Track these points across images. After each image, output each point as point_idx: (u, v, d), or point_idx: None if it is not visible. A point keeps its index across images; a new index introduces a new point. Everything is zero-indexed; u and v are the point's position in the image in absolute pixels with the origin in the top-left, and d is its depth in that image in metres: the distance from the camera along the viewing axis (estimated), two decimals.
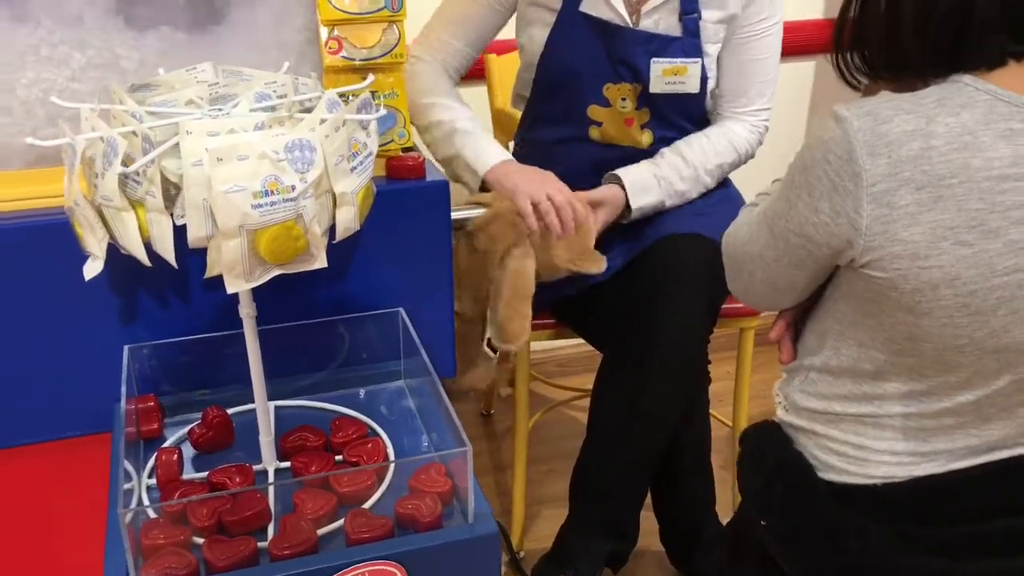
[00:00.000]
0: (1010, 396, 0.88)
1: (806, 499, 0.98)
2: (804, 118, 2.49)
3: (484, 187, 1.61)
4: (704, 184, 1.68)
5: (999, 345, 0.84)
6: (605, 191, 1.63)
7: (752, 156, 1.73)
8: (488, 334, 1.72)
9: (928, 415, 0.90)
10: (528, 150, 1.81)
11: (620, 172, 1.64)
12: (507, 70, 1.96)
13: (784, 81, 1.77)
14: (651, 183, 1.63)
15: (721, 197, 1.74)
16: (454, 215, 1.43)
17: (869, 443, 0.94)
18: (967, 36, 0.81)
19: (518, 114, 1.85)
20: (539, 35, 1.66)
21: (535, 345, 2.57)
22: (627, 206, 1.62)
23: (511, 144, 1.93)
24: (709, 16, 1.61)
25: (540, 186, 1.52)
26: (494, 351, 2.17)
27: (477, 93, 2.09)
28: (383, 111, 1.06)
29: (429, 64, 1.69)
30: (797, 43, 2.14)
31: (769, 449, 1.03)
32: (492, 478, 2.22)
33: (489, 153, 1.60)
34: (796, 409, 1.01)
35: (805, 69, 2.42)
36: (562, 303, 1.78)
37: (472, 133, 1.62)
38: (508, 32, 1.74)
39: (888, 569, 0.94)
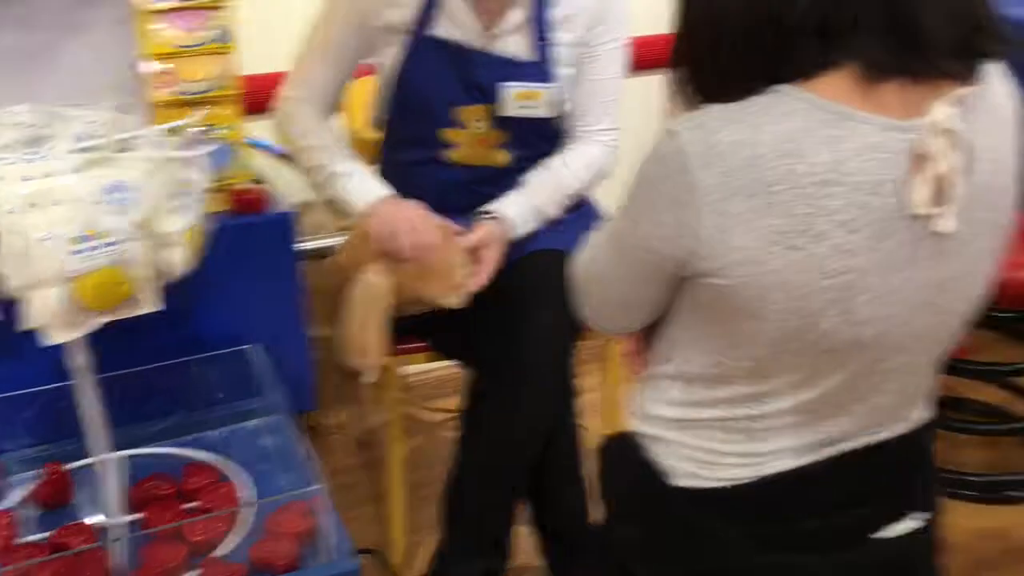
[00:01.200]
0: (845, 393, 0.91)
1: (661, 506, 0.99)
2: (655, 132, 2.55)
3: None
4: (565, 207, 1.70)
5: (831, 345, 0.87)
6: (489, 231, 1.63)
7: (607, 174, 1.76)
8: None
9: (771, 415, 0.93)
10: (389, 171, 1.80)
11: (496, 208, 1.65)
12: (364, 93, 1.94)
13: (636, 96, 1.81)
14: (529, 216, 1.64)
15: (578, 213, 1.76)
16: (304, 245, 1.41)
17: (718, 446, 0.96)
18: (782, 48, 0.84)
19: (377, 136, 1.84)
20: (391, 58, 1.65)
21: (410, 368, 2.56)
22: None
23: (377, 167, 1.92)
24: (562, 39, 1.64)
25: (396, 214, 1.52)
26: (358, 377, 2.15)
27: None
28: (209, 147, 1.03)
29: (302, 103, 1.67)
30: (648, 58, 2.19)
31: (625, 459, 1.04)
32: (373, 508, 2.18)
33: (367, 192, 1.59)
34: (649, 418, 1.02)
35: (654, 83, 2.48)
36: (428, 325, 1.77)
37: (349, 174, 1.60)
38: None
39: (743, 569, 0.96)
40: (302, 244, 1.38)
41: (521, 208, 1.65)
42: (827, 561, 0.95)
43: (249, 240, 1.28)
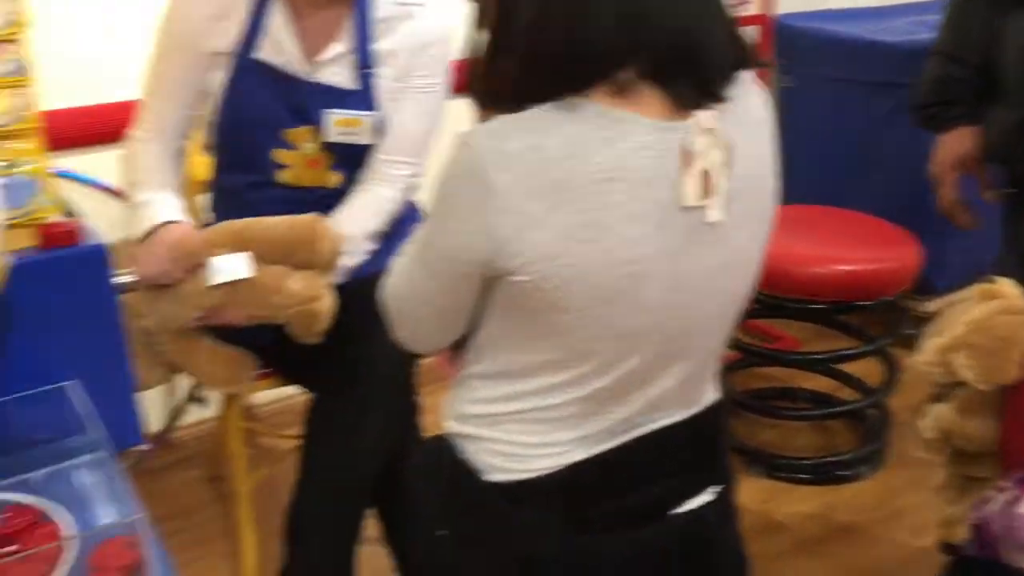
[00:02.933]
0: (642, 376, 0.98)
1: (476, 502, 1.04)
2: None
3: None
4: (368, 248, 1.71)
5: (624, 331, 0.94)
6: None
7: (399, 205, 1.78)
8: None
9: (573, 403, 0.98)
10: (221, 197, 1.79)
11: None
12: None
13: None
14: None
15: (407, 230, 1.79)
16: (125, 278, 1.39)
17: (527, 439, 1.01)
18: (576, 67, 0.90)
19: (204, 163, 1.82)
20: (217, 80, 1.65)
21: (261, 396, 2.53)
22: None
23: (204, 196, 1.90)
24: (384, 73, 1.67)
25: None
26: (200, 402, 2.11)
27: None
28: (5, 180, 1.01)
29: (145, 143, 1.66)
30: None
31: (439, 461, 1.07)
32: (225, 544, 2.15)
33: (148, 219, 1.58)
34: (463, 418, 1.07)
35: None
36: (271, 349, 1.77)
37: (143, 204, 1.59)
38: None
39: (555, 554, 1.01)
40: (121, 277, 1.35)
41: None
42: (630, 539, 1.02)
43: (61, 274, 1.25)
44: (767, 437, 2.43)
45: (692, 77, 0.90)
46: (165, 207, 1.62)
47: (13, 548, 1.10)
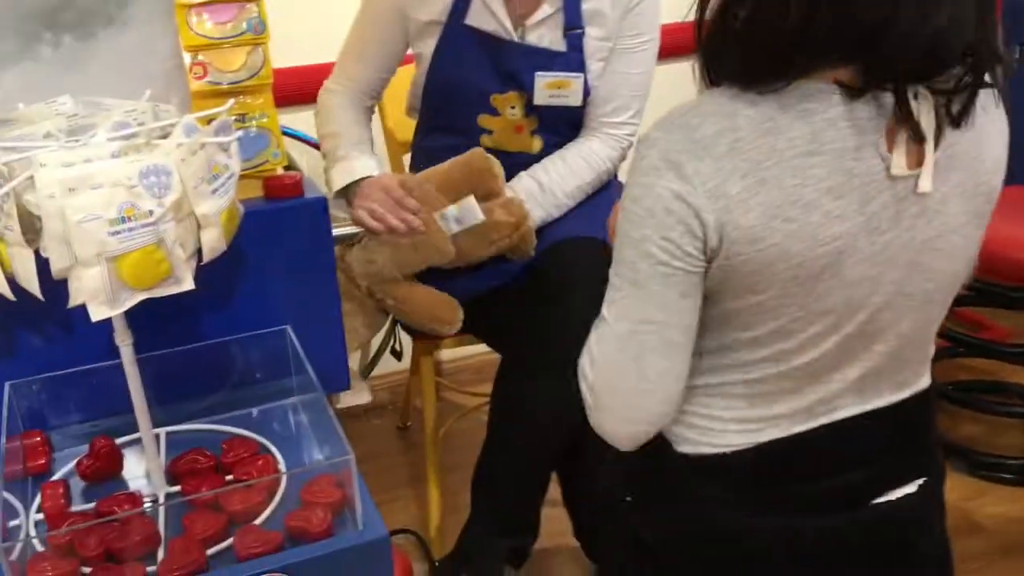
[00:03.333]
0: (841, 355, 0.94)
1: (663, 471, 1.03)
2: None
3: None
4: (564, 205, 1.72)
5: (824, 308, 0.90)
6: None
7: (614, 172, 1.77)
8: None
9: (769, 380, 0.95)
10: (423, 159, 1.84)
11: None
12: (396, 86, 1.99)
13: (668, 84, 1.80)
14: (542, 200, 1.67)
15: (600, 198, 1.78)
16: (337, 231, 1.45)
17: (718, 413, 0.99)
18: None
19: (408, 127, 1.88)
20: (427, 48, 1.69)
21: (447, 353, 2.61)
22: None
23: (407, 156, 1.96)
24: (592, 33, 1.66)
25: (369, 197, 1.60)
26: (398, 357, 2.20)
27: None
28: (241, 132, 1.08)
29: (336, 95, 1.73)
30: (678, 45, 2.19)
31: None
32: (411, 490, 2.24)
33: (352, 172, 1.65)
34: None
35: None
36: (466, 308, 1.81)
37: (344, 158, 1.66)
38: None
39: (739, 532, 0.99)
40: (335, 230, 1.42)
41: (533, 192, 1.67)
42: (824, 524, 0.98)
43: (283, 224, 1.32)
44: (971, 432, 2.30)
45: (923, 76, 0.84)
46: (368, 161, 1.68)
47: (233, 478, 1.18)
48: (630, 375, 0.92)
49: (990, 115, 0.92)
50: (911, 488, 1.02)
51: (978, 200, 0.92)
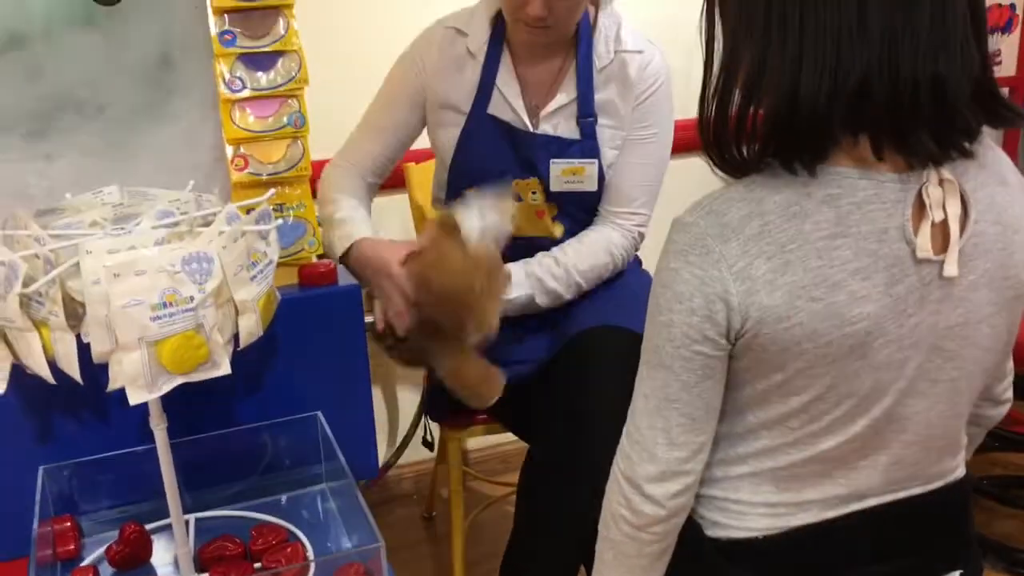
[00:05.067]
0: (869, 440, 0.94)
1: (695, 557, 1.02)
2: None
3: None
4: (578, 285, 1.72)
5: (852, 390, 0.91)
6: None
7: (627, 260, 1.78)
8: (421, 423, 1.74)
9: (797, 464, 0.95)
10: None
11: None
12: (425, 176, 2.04)
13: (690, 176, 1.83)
14: (521, 278, 1.67)
15: (636, 286, 1.79)
16: (369, 318, 1.47)
17: (747, 497, 0.98)
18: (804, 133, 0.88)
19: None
20: (450, 136, 1.73)
21: (473, 443, 2.59)
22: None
23: None
24: (605, 122, 1.70)
25: (374, 281, 1.53)
26: (430, 448, 2.18)
27: (400, 199, 2.16)
28: (280, 221, 1.10)
29: (340, 168, 1.76)
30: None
31: None
32: None
33: (349, 238, 1.59)
34: None
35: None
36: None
37: (344, 221, 1.64)
38: (425, 141, 1.82)
39: None
40: (368, 317, 1.43)
41: (515, 271, 1.67)
42: None
43: (318, 311, 1.34)
44: (1008, 528, 2.24)
45: (932, 124, 0.85)
46: (363, 225, 1.66)
47: (261, 565, 1.18)
48: (661, 444, 0.96)
49: (1010, 198, 0.93)
50: None
51: (1007, 293, 0.92)
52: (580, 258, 1.71)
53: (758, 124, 0.89)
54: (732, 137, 0.91)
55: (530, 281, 1.67)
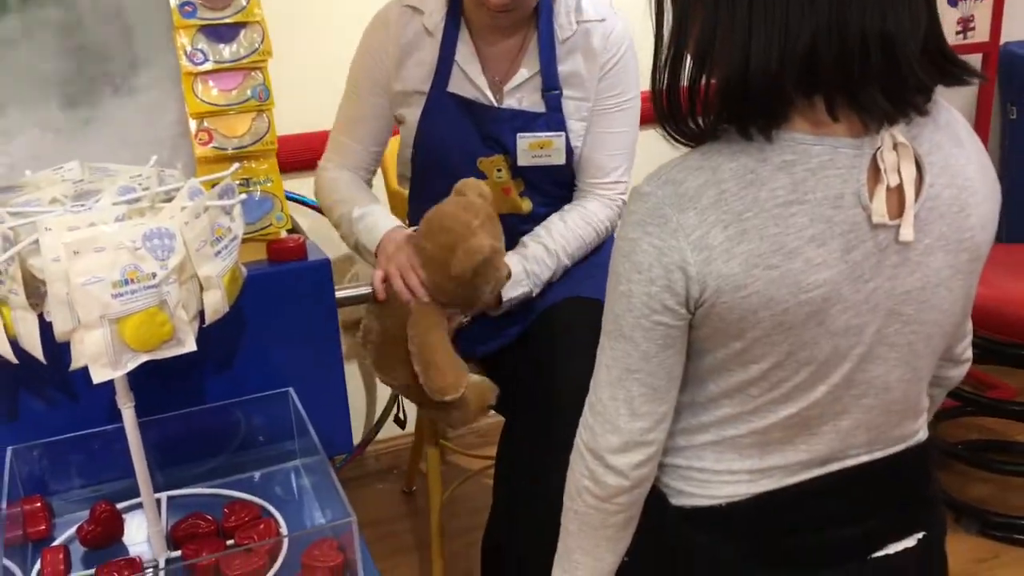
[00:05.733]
0: (829, 406, 0.94)
1: (660, 528, 1.02)
2: None
3: None
4: (565, 265, 1.72)
5: (811, 356, 0.91)
6: None
7: (612, 230, 1.78)
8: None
9: (759, 432, 0.96)
10: (416, 226, 1.86)
11: None
12: (394, 152, 2.02)
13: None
14: (521, 277, 1.67)
15: (607, 256, 1.79)
16: (340, 293, 1.46)
17: (710, 465, 0.99)
18: (758, 97, 0.87)
19: (405, 192, 1.90)
20: (412, 116, 1.72)
21: None
22: (498, 300, 1.66)
23: (406, 221, 1.98)
24: (570, 94, 1.69)
25: (392, 258, 1.59)
26: (402, 425, 2.18)
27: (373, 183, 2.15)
28: (245, 196, 1.09)
29: (332, 171, 1.76)
30: None
31: None
32: (416, 554, 2.21)
33: (377, 228, 1.65)
34: None
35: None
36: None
37: (364, 216, 1.67)
38: None
39: None
40: (337, 292, 1.42)
41: (514, 270, 1.67)
42: None
43: (287, 287, 1.33)
44: (981, 492, 2.27)
45: (883, 80, 0.85)
46: (389, 217, 1.70)
47: (234, 542, 1.17)
48: (623, 414, 0.96)
49: (981, 170, 0.93)
50: (910, 542, 1.01)
51: (963, 256, 0.93)
52: (568, 240, 1.71)
53: (711, 93, 0.89)
54: (685, 107, 0.91)
55: (529, 280, 1.67)
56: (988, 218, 0.94)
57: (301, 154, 2.06)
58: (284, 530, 1.21)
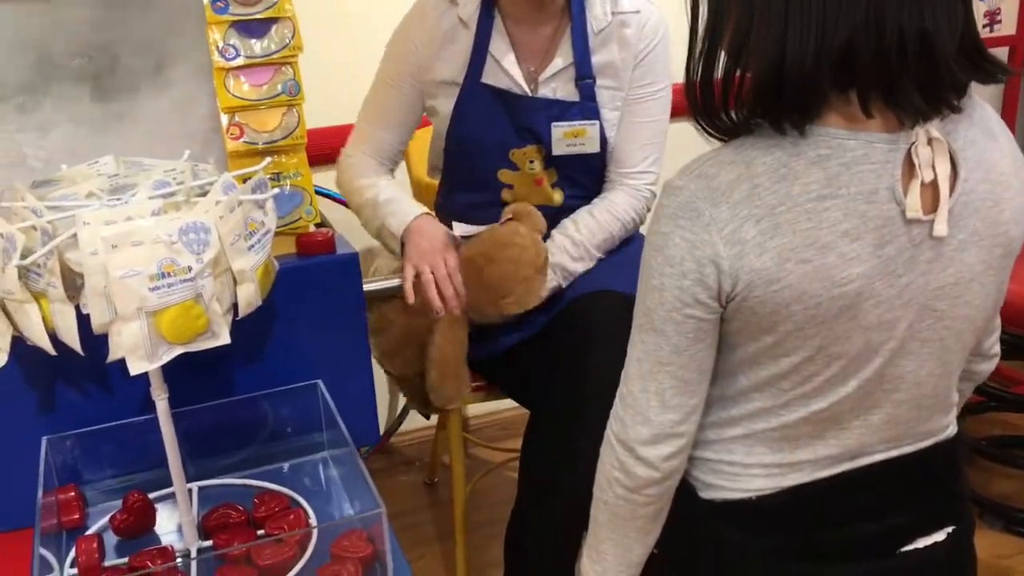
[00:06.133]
0: (860, 400, 0.94)
1: (689, 520, 1.03)
2: None
3: None
4: (595, 257, 1.73)
5: (843, 351, 0.91)
6: None
7: (641, 222, 1.79)
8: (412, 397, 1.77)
9: (789, 426, 0.96)
10: (447, 217, 1.86)
11: None
12: (423, 142, 2.03)
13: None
14: (549, 272, 1.68)
15: (634, 249, 1.79)
16: (368, 286, 1.47)
17: (740, 459, 0.99)
18: (793, 92, 0.88)
19: (435, 183, 1.91)
20: (445, 107, 1.73)
21: (473, 409, 2.61)
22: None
23: (435, 212, 1.98)
24: (604, 83, 1.69)
25: (427, 256, 1.58)
26: (427, 416, 2.19)
27: (397, 174, 2.15)
28: (277, 190, 1.10)
29: (357, 158, 1.77)
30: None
31: None
32: (439, 546, 2.22)
33: (405, 213, 1.65)
34: None
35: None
36: (492, 364, 1.82)
37: (391, 200, 1.68)
38: None
39: None
40: (365, 285, 1.43)
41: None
42: (851, 572, 0.97)
43: (316, 280, 1.34)
44: (1005, 488, 2.26)
45: (920, 78, 0.85)
46: (415, 204, 1.70)
47: (264, 532, 1.19)
48: (654, 407, 0.97)
49: (1014, 164, 0.93)
50: (940, 536, 1.01)
51: (996, 251, 0.93)
52: (594, 233, 1.71)
53: (745, 87, 0.89)
54: (719, 101, 0.91)
55: (557, 273, 1.68)
56: (1022, 212, 0.94)
57: (329, 148, 2.07)
58: (313, 520, 1.23)
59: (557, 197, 1.75)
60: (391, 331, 1.66)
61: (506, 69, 1.67)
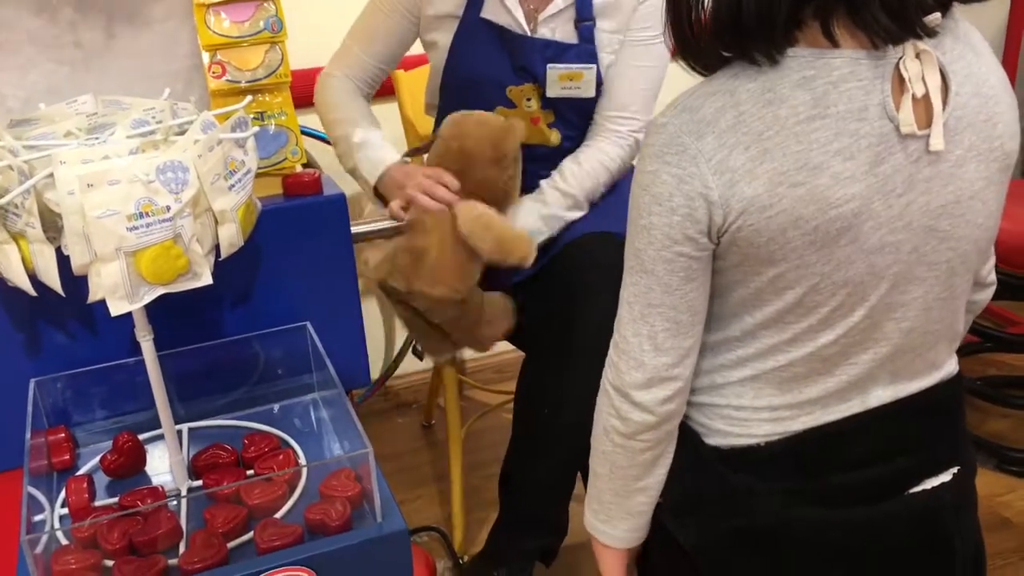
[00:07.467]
0: (868, 331, 0.93)
1: (695, 467, 1.02)
2: None
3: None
4: (585, 205, 1.72)
5: (847, 277, 0.89)
6: None
7: (625, 169, 1.77)
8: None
9: (798, 363, 0.94)
10: None
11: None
12: (415, 83, 2.00)
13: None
14: (539, 225, 1.67)
15: (627, 191, 1.78)
16: (356, 228, 1.46)
17: (749, 403, 0.98)
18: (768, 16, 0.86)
19: (429, 123, 1.89)
20: (443, 41, 1.70)
21: (469, 352, 2.61)
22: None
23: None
24: (603, 25, 1.66)
25: (408, 181, 1.58)
26: (420, 357, 2.19)
27: (388, 109, 2.12)
28: (257, 129, 1.08)
29: (338, 80, 1.74)
30: None
31: None
32: (435, 487, 2.24)
33: (380, 161, 1.64)
34: None
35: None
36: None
37: (365, 144, 1.65)
38: (416, 48, 1.78)
39: (774, 525, 0.98)
40: (353, 227, 1.42)
41: (533, 220, 1.67)
42: (860, 515, 0.97)
43: (303, 221, 1.33)
44: (999, 427, 2.27)
45: (893, 23, 0.83)
46: (391, 151, 1.69)
47: (253, 472, 1.19)
48: (647, 350, 0.95)
49: (1001, 80, 0.91)
50: (946, 477, 1.00)
51: (993, 166, 0.91)
52: (582, 181, 1.69)
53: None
54: (696, 35, 0.89)
55: (548, 223, 1.67)
56: (1013, 128, 0.92)
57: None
58: (302, 460, 1.23)
59: (554, 138, 1.73)
60: (425, 258, 1.61)
61: (507, 5, 1.64)
